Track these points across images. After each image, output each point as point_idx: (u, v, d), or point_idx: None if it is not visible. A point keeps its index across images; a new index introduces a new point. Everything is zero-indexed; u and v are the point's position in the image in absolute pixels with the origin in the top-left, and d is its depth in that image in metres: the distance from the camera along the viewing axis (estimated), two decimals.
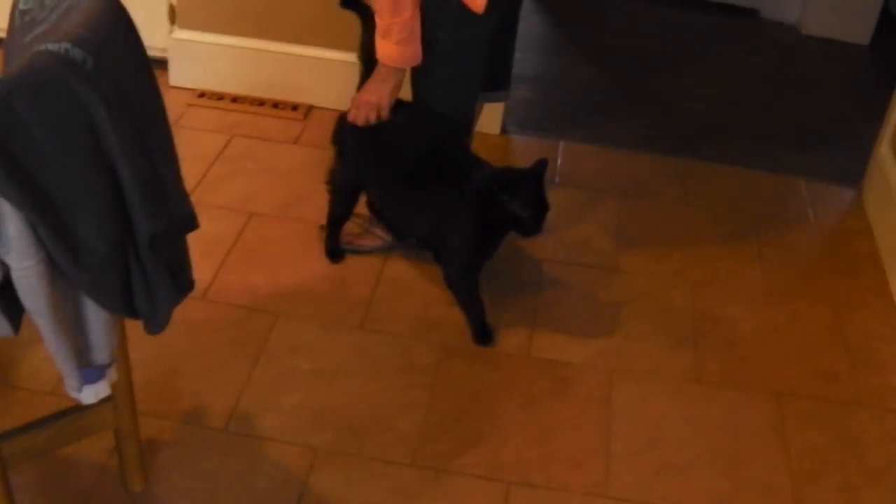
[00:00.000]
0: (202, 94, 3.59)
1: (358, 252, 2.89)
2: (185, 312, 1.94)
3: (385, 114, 2.63)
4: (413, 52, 2.53)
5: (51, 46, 1.55)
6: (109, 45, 1.65)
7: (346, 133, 2.74)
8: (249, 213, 3.02)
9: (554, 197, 2.59)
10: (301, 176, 3.21)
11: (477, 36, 2.60)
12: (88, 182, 1.57)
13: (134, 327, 1.84)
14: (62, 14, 1.74)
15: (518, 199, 2.48)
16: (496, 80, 2.93)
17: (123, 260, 1.68)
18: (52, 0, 1.79)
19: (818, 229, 3.27)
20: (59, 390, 2.33)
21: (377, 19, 2.49)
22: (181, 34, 3.58)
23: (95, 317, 1.70)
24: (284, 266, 2.83)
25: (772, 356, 2.70)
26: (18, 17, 1.82)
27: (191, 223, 1.87)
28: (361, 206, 2.88)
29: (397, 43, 2.49)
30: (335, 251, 2.88)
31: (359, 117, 2.64)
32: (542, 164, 2.53)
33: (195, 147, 3.26)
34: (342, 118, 2.74)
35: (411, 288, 2.80)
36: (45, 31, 1.73)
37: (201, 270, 1.96)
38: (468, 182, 2.56)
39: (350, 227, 2.92)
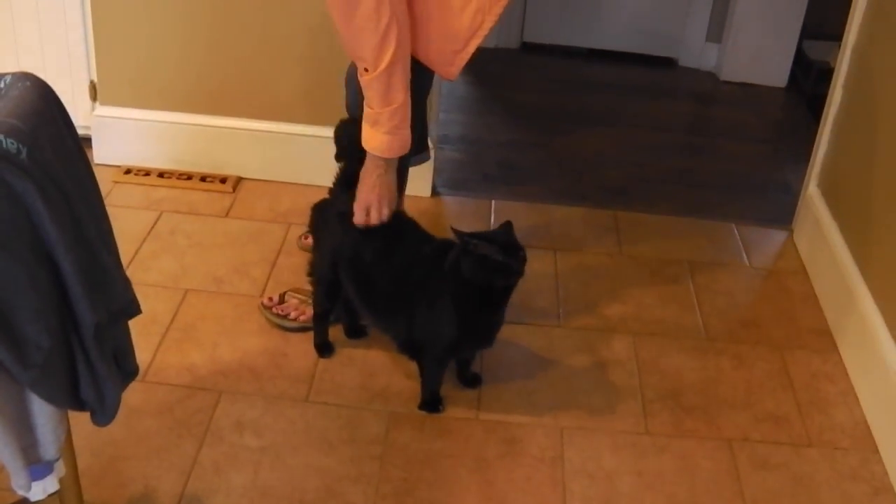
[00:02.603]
0: (128, 171, 3.55)
1: (279, 325, 2.85)
2: (125, 395, 1.88)
3: (394, 206, 2.53)
4: (402, 141, 2.45)
5: None
6: (42, 134, 1.62)
7: (320, 221, 2.69)
8: (184, 289, 2.97)
9: None
10: (233, 249, 3.18)
11: (423, 100, 2.62)
12: (28, 275, 1.53)
13: (72, 414, 1.79)
14: None
15: (490, 243, 2.41)
16: (418, 144, 2.94)
17: (68, 352, 1.63)
18: None
19: (753, 272, 3.30)
20: None
21: (365, 107, 2.41)
22: (103, 111, 3.54)
23: (41, 412, 1.65)
24: (223, 342, 2.79)
25: (719, 402, 2.71)
26: None
27: (133, 309, 1.84)
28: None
29: (387, 132, 2.41)
30: (324, 346, 2.78)
31: (362, 220, 2.52)
32: (508, 224, 2.50)
33: (124, 225, 3.21)
34: (317, 206, 2.70)
35: (352, 358, 2.77)
36: None
37: (139, 351, 1.92)
38: (438, 253, 2.51)
39: (273, 295, 2.90)
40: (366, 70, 2.34)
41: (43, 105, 1.69)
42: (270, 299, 2.88)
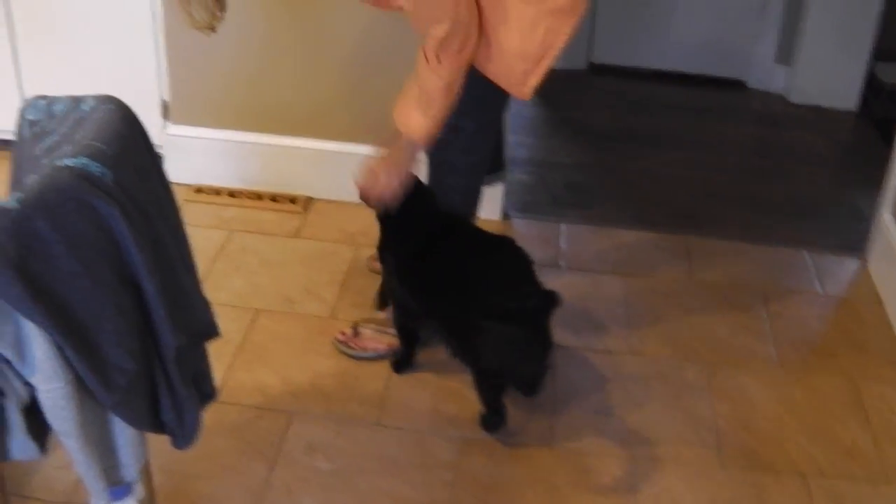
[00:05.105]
0: (199, 190, 3.57)
1: (358, 358, 2.83)
2: None
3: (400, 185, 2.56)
4: (437, 132, 2.46)
5: (69, 162, 1.53)
6: (126, 158, 1.63)
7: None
8: (255, 309, 2.98)
9: (560, 281, 2.65)
10: (303, 269, 3.18)
11: (495, 120, 2.62)
12: (112, 298, 1.54)
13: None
14: (73, 125, 1.72)
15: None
16: (494, 163, 2.93)
17: (150, 375, 1.64)
18: (62, 110, 1.78)
19: (826, 301, 3.25)
20: (74, 500, 2.29)
21: (420, 95, 2.42)
22: (175, 130, 3.56)
23: (123, 434, 1.66)
24: (294, 363, 2.79)
25: (793, 434, 2.66)
26: (27, 126, 1.80)
27: (212, 331, 1.84)
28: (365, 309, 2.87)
29: (434, 120, 2.42)
30: (401, 363, 2.81)
31: (377, 182, 2.57)
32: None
33: (195, 244, 3.13)
34: None
35: (424, 381, 2.76)
36: (56, 141, 1.72)
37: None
38: None
39: (345, 329, 2.88)
40: (439, 62, 2.35)
41: (126, 129, 1.71)
42: (344, 333, 2.86)
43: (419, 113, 2.44)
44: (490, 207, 3.39)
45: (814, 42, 4.65)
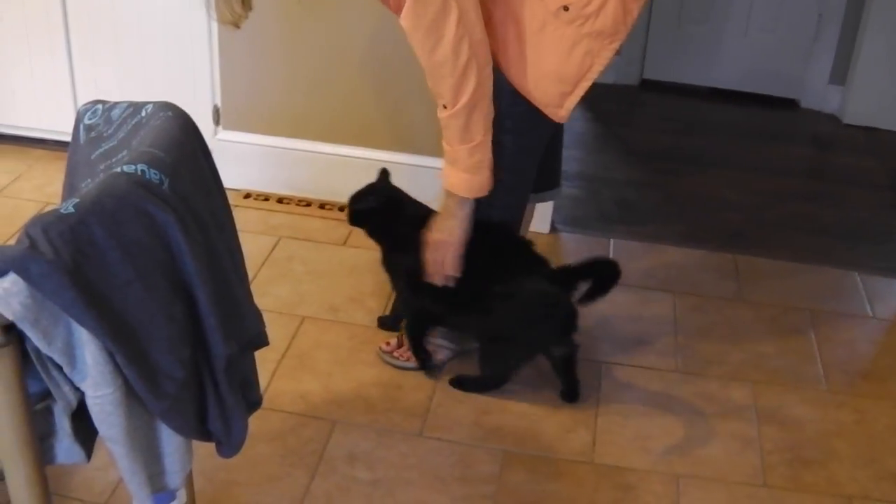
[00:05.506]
0: (248, 195, 3.58)
1: (402, 368, 2.83)
2: None
3: (461, 253, 2.54)
4: (482, 182, 2.44)
5: (126, 168, 1.54)
6: (183, 165, 1.64)
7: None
8: (300, 317, 2.99)
9: (608, 297, 2.60)
10: (350, 278, 3.19)
11: (541, 138, 2.59)
12: (165, 306, 1.55)
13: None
14: (131, 131, 1.73)
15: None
16: (550, 180, 2.91)
17: (199, 384, 1.64)
18: (120, 115, 1.79)
19: (877, 324, 3.22)
20: (113, 501, 2.30)
21: (444, 145, 2.42)
22: (226, 135, 3.59)
23: (169, 441, 1.66)
24: (338, 371, 2.80)
25: (839, 457, 2.63)
26: (84, 131, 1.81)
27: (262, 340, 1.85)
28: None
29: (466, 171, 2.41)
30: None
31: (435, 263, 2.56)
32: None
33: (242, 249, 3.23)
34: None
35: (468, 394, 2.75)
36: (113, 147, 1.73)
37: None
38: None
39: (390, 339, 2.89)
40: (444, 107, 2.35)
41: (183, 136, 1.71)
42: (388, 344, 2.86)
43: (452, 167, 2.44)
44: (539, 220, 3.39)
45: (868, 63, 4.62)
